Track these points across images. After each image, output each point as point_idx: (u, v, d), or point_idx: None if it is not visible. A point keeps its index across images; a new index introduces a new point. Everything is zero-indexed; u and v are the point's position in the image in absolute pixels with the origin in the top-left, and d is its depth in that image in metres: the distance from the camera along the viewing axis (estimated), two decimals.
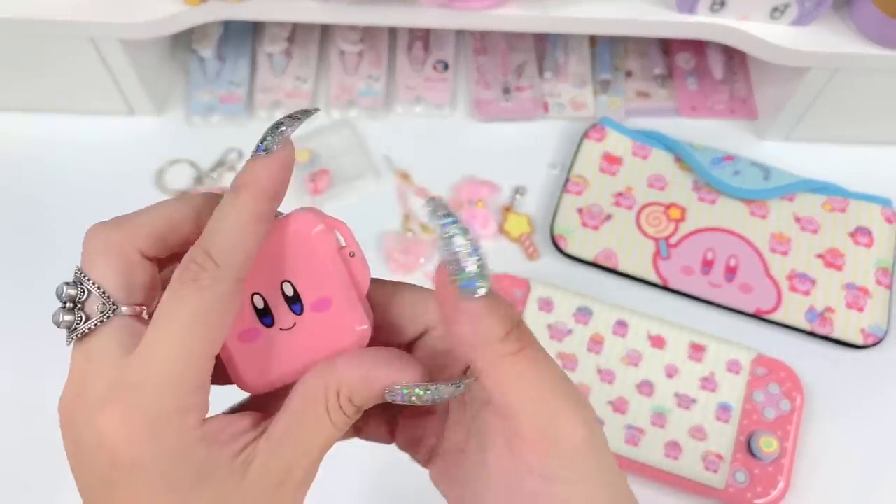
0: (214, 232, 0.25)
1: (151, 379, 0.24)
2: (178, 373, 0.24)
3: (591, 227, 0.62)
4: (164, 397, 0.24)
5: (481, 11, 0.58)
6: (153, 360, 0.25)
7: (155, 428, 0.24)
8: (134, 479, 0.25)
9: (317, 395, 0.26)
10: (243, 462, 0.26)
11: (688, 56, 0.72)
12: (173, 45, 0.71)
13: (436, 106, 0.69)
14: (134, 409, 0.24)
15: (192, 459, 0.25)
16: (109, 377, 0.26)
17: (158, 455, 0.24)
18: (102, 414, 0.25)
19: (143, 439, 0.24)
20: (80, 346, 0.28)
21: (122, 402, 0.25)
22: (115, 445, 0.24)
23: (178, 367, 0.24)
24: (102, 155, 0.66)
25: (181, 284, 0.25)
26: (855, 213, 0.63)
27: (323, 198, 0.64)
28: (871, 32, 0.57)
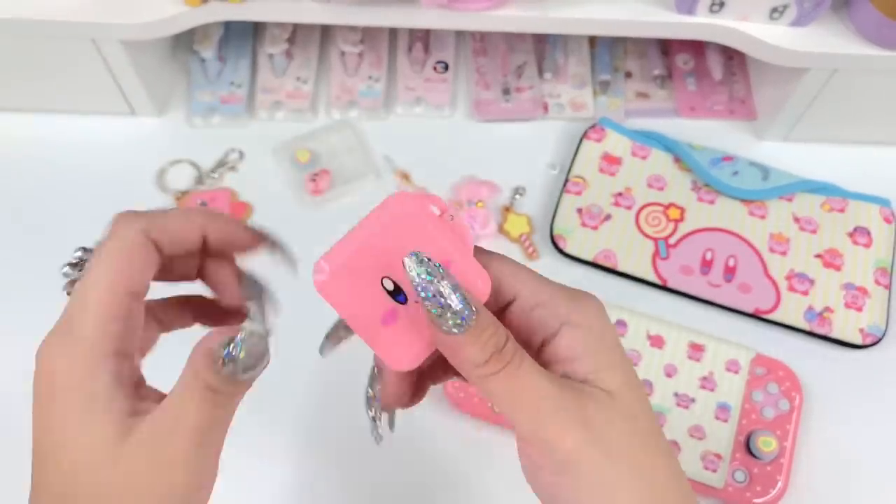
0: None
1: (82, 314, 0.29)
2: (94, 308, 0.29)
3: (590, 227, 0.62)
4: (84, 325, 0.29)
5: (481, 12, 0.58)
6: (86, 296, 0.29)
7: (65, 352, 0.30)
8: (44, 394, 0.30)
9: (183, 374, 0.29)
10: (129, 425, 0.28)
11: (687, 57, 0.72)
12: (174, 46, 0.71)
13: (436, 106, 0.69)
14: (59, 336, 0.30)
15: (85, 390, 0.29)
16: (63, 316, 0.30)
17: (72, 368, 0.29)
18: (44, 340, 0.31)
19: (52, 358, 0.30)
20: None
21: (57, 332, 0.30)
22: (38, 362, 0.31)
23: (98, 304, 0.29)
24: (103, 155, 0.66)
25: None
26: (854, 214, 0.63)
27: (323, 198, 0.64)
28: (870, 33, 0.57)
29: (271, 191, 0.65)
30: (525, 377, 0.28)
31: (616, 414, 0.29)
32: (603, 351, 0.30)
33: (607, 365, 0.30)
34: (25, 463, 0.32)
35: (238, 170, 0.66)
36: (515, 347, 0.29)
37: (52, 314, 0.62)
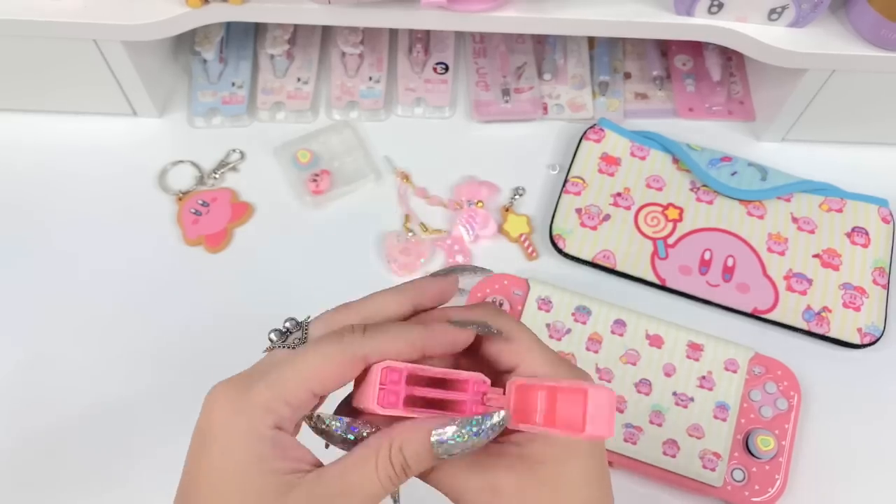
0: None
1: (266, 380, 0.30)
2: (280, 385, 0.30)
3: (589, 227, 0.63)
4: (262, 392, 0.30)
5: (481, 14, 0.58)
6: (278, 370, 0.31)
7: (237, 409, 0.30)
8: (212, 444, 0.30)
9: (372, 446, 0.30)
10: (288, 482, 0.29)
11: (686, 58, 0.73)
12: (175, 47, 0.71)
13: (436, 107, 0.69)
14: (235, 391, 0.30)
15: (252, 449, 0.29)
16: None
17: (230, 429, 0.30)
18: (215, 389, 0.31)
19: (225, 411, 0.30)
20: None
21: (233, 385, 0.31)
22: (209, 410, 0.31)
23: (285, 383, 0.30)
24: (105, 156, 0.66)
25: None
26: (852, 214, 0.63)
27: (324, 198, 0.64)
28: (868, 34, 0.57)
29: (272, 191, 0.65)
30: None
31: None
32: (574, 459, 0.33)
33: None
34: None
35: (239, 170, 0.66)
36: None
37: (53, 314, 0.62)
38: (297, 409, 0.31)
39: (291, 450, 0.30)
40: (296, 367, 0.30)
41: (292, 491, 0.29)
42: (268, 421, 0.30)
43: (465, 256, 0.62)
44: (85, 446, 0.55)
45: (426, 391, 0.32)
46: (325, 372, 0.30)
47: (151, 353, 0.58)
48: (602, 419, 0.29)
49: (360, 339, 0.31)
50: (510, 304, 0.59)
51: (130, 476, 0.54)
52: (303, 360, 0.31)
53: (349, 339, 0.31)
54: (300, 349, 0.31)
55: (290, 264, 0.62)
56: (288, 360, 0.31)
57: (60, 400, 0.56)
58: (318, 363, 0.31)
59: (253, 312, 0.59)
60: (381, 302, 0.33)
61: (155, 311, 0.60)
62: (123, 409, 0.56)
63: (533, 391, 0.31)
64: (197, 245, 0.62)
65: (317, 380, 0.30)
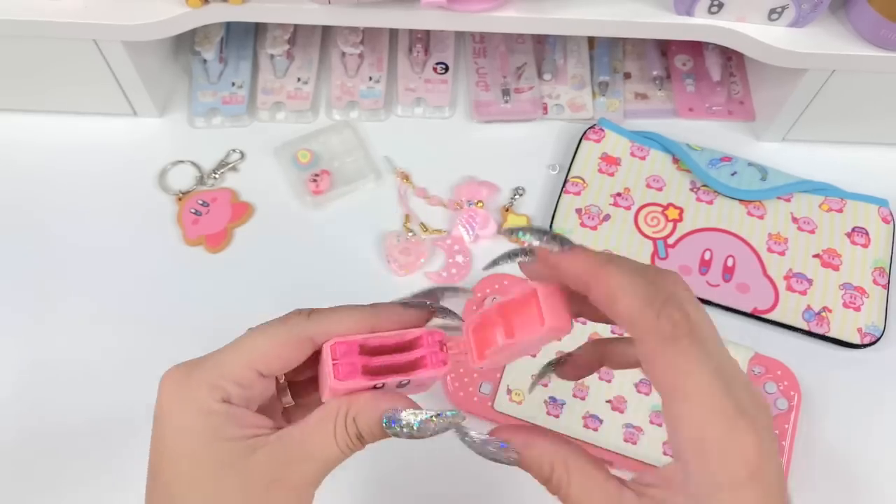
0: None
1: (210, 361, 0.31)
2: (224, 364, 0.31)
3: (589, 227, 0.63)
4: (206, 371, 0.31)
5: (481, 13, 0.58)
6: (223, 351, 0.32)
7: (184, 389, 0.31)
8: (164, 425, 0.31)
9: (329, 412, 0.31)
10: (251, 445, 0.30)
11: (686, 58, 0.73)
12: (175, 47, 0.71)
13: (436, 107, 0.69)
14: (181, 374, 0.31)
15: (203, 423, 0.30)
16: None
17: (179, 409, 0.31)
18: (165, 374, 0.32)
19: (172, 393, 0.31)
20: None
21: (180, 368, 0.32)
22: (160, 393, 0.32)
23: (229, 363, 0.31)
24: (105, 156, 0.66)
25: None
26: (852, 214, 0.63)
27: (324, 198, 0.64)
28: (868, 34, 0.57)
29: (272, 191, 0.65)
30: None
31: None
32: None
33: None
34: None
35: (239, 170, 0.66)
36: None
37: (52, 313, 0.62)
38: (244, 387, 0.31)
39: (247, 418, 0.31)
40: (239, 347, 0.32)
41: (254, 453, 0.30)
42: (215, 396, 0.31)
43: (465, 256, 0.62)
44: (84, 446, 0.55)
45: (383, 359, 0.32)
46: (267, 351, 0.31)
47: (151, 353, 0.58)
48: (557, 311, 0.30)
49: (305, 321, 0.32)
50: None
51: (130, 476, 0.54)
52: (246, 340, 0.32)
53: (294, 320, 0.32)
54: (246, 333, 0.32)
55: (290, 264, 0.62)
56: (234, 342, 0.32)
57: (60, 399, 0.56)
58: (260, 343, 0.31)
59: (253, 312, 0.59)
60: (339, 315, 0.33)
61: (155, 311, 0.60)
62: (123, 409, 0.56)
63: (489, 320, 0.32)
64: (197, 245, 0.63)
65: (260, 359, 0.31)
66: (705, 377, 0.26)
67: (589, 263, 0.28)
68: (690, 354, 0.26)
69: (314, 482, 0.31)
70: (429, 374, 0.32)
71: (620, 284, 0.27)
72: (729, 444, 0.25)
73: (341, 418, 0.31)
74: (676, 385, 0.26)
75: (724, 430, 0.25)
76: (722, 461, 0.25)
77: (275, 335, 0.32)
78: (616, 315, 0.28)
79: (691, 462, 0.26)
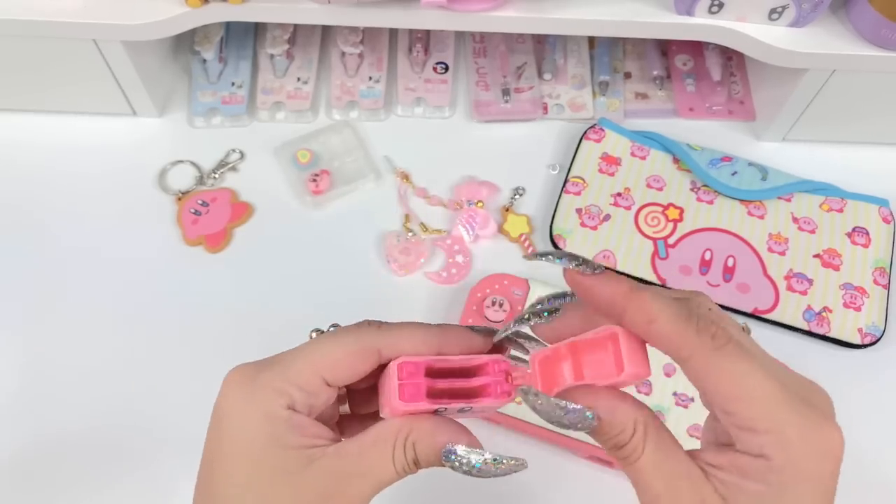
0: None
1: (278, 365, 0.31)
2: (291, 370, 0.31)
3: (589, 227, 0.63)
4: (273, 376, 0.31)
5: (481, 13, 0.58)
6: (291, 356, 0.31)
7: (250, 391, 0.31)
8: (225, 425, 0.31)
9: (389, 432, 0.31)
10: (309, 456, 0.30)
11: (686, 58, 0.73)
12: (175, 47, 0.71)
13: (436, 107, 0.69)
14: (249, 375, 0.31)
15: (266, 429, 0.30)
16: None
17: (244, 411, 0.30)
18: (232, 372, 0.32)
19: (238, 393, 0.31)
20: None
21: (248, 368, 0.31)
22: (224, 392, 0.31)
23: (295, 368, 0.31)
24: (104, 156, 0.66)
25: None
26: (852, 214, 0.63)
27: (324, 198, 0.64)
28: (869, 34, 0.57)
29: (272, 191, 0.65)
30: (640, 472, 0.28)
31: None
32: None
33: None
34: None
35: (239, 170, 0.66)
36: (638, 443, 0.28)
37: (52, 313, 0.62)
38: (310, 394, 0.31)
39: (308, 427, 0.31)
40: (308, 353, 0.31)
41: (312, 464, 0.30)
42: (280, 402, 0.30)
43: (465, 256, 0.62)
44: (84, 446, 0.55)
45: (448, 382, 0.31)
46: (335, 359, 0.31)
47: (151, 353, 0.58)
48: (638, 358, 0.29)
49: (375, 333, 0.32)
50: (510, 304, 0.58)
51: (130, 475, 0.54)
52: (315, 346, 0.31)
53: (364, 331, 0.32)
54: (315, 339, 0.32)
55: (289, 264, 0.62)
56: (302, 347, 0.32)
57: (59, 399, 0.56)
58: (330, 350, 0.31)
59: (253, 312, 0.60)
60: (408, 331, 0.32)
61: (155, 311, 0.60)
62: (123, 409, 0.56)
63: (557, 357, 0.31)
64: (197, 245, 0.62)
65: (327, 367, 0.31)
66: (762, 377, 0.27)
67: (622, 288, 0.29)
68: (740, 359, 0.27)
69: (366, 499, 0.31)
70: (492, 403, 0.32)
71: (657, 307, 0.28)
72: (812, 437, 0.26)
73: (401, 441, 0.30)
74: (735, 390, 0.27)
75: (805, 426, 0.26)
76: (809, 455, 0.26)
77: (344, 343, 0.31)
78: (654, 335, 0.28)
79: (776, 457, 0.26)
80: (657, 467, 0.28)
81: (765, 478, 0.27)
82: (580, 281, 0.30)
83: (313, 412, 0.32)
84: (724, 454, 0.28)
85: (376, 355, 0.32)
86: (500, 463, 0.30)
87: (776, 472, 0.27)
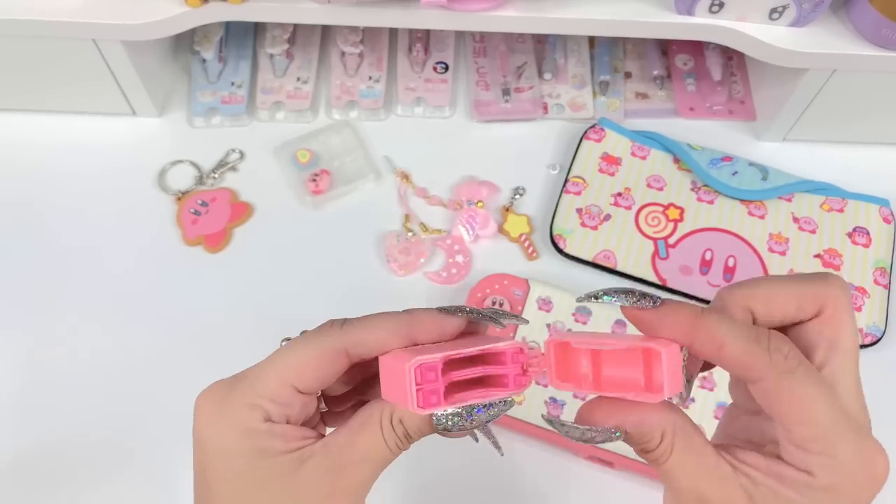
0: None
1: (246, 380, 0.31)
2: (260, 383, 0.30)
3: (590, 227, 0.63)
4: (243, 393, 0.30)
5: (481, 13, 0.58)
6: (258, 369, 0.31)
7: (223, 413, 0.30)
8: (206, 449, 0.30)
9: (374, 413, 0.30)
10: (298, 457, 0.30)
11: (686, 57, 0.73)
12: (175, 47, 0.71)
13: (436, 107, 0.69)
14: (218, 396, 0.31)
15: (249, 446, 0.30)
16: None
17: (222, 434, 0.30)
18: (199, 397, 0.31)
19: (211, 418, 0.30)
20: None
21: (215, 391, 0.31)
22: (197, 418, 0.31)
23: (264, 381, 0.30)
24: (104, 156, 0.66)
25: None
26: (853, 214, 0.63)
27: (324, 198, 0.64)
28: (869, 34, 0.57)
29: (272, 191, 0.65)
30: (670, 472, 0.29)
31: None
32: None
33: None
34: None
35: (239, 170, 0.66)
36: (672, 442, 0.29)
37: (51, 313, 0.62)
38: (283, 405, 0.31)
39: (291, 432, 0.31)
40: (273, 364, 0.31)
41: (304, 464, 0.30)
42: (256, 416, 0.30)
43: (465, 256, 0.62)
44: (83, 446, 0.55)
45: (464, 372, 0.30)
46: (301, 366, 0.31)
47: (150, 353, 0.58)
48: (676, 379, 0.28)
49: (338, 333, 0.31)
50: (510, 304, 0.58)
51: (129, 475, 0.54)
52: (282, 356, 0.31)
53: (326, 333, 0.31)
54: (281, 347, 0.32)
55: (289, 264, 0.62)
56: (270, 358, 0.31)
57: (58, 399, 0.56)
58: (295, 359, 0.31)
59: (252, 312, 0.60)
60: (373, 325, 0.31)
61: (154, 312, 0.59)
62: (122, 409, 0.56)
63: (575, 353, 0.30)
64: (196, 245, 0.62)
65: (295, 375, 0.30)
66: (828, 405, 0.28)
67: (686, 317, 0.29)
68: (809, 384, 0.27)
69: (366, 484, 0.31)
70: (509, 393, 0.31)
71: (726, 331, 0.28)
72: (861, 463, 0.28)
73: (387, 418, 0.30)
74: (802, 414, 0.27)
75: (856, 454, 0.28)
76: (854, 481, 0.28)
77: (307, 349, 0.31)
78: (725, 359, 0.28)
79: (821, 477, 0.27)
80: (684, 468, 0.29)
81: (802, 490, 0.28)
82: (641, 317, 0.29)
83: (292, 420, 0.31)
84: (761, 458, 0.29)
85: (343, 355, 0.31)
86: (490, 407, 0.30)
87: (816, 490, 0.27)
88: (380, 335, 0.31)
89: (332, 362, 0.31)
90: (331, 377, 0.31)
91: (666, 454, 0.29)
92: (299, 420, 0.32)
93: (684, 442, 0.29)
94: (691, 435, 0.29)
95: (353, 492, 0.30)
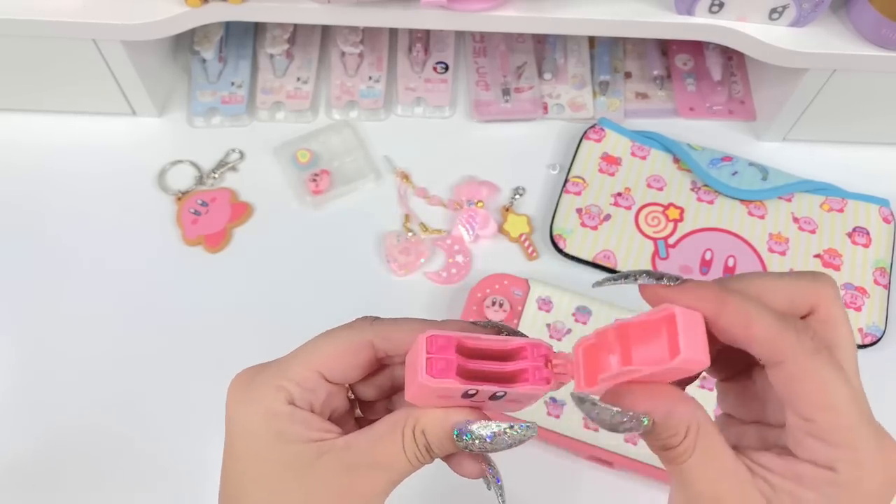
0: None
1: (275, 365, 0.32)
2: (287, 367, 0.31)
3: (590, 227, 0.63)
4: (270, 375, 0.31)
5: (481, 13, 0.58)
6: (289, 355, 0.32)
7: (249, 393, 0.31)
8: (232, 428, 0.31)
9: (398, 421, 0.30)
10: (316, 449, 0.30)
11: (686, 57, 0.73)
12: (175, 47, 0.71)
13: (436, 107, 0.69)
14: (246, 378, 0.32)
15: (269, 427, 0.30)
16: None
17: (246, 414, 0.31)
18: (232, 380, 0.32)
19: (238, 398, 0.31)
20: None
21: (246, 373, 0.32)
22: (228, 400, 0.32)
23: (292, 365, 0.31)
24: (104, 156, 0.66)
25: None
26: (853, 214, 0.63)
27: (324, 198, 0.64)
28: (869, 33, 0.57)
29: (272, 191, 0.65)
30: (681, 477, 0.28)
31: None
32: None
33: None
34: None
35: (239, 170, 0.66)
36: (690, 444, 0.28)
37: (52, 313, 0.62)
38: (308, 390, 0.31)
39: (314, 422, 0.31)
40: (303, 351, 0.32)
41: (320, 458, 0.30)
42: (279, 397, 0.31)
43: (465, 256, 0.62)
44: (84, 445, 0.55)
45: (481, 364, 0.29)
46: (328, 354, 0.31)
47: (151, 353, 0.58)
48: (696, 343, 0.26)
49: (368, 326, 0.32)
50: (510, 304, 0.58)
51: (129, 474, 0.54)
52: (310, 344, 0.32)
53: (357, 325, 0.32)
54: (312, 338, 0.33)
55: (289, 264, 0.62)
56: (299, 347, 0.32)
57: (59, 399, 0.56)
58: (323, 347, 0.32)
59: (252, 312, 0.60)
60: (402, 322, 0.32)
61: (154, 312, 0.59)
62: (122, 409, 0.56)
63: (603, 344, 0.28)
64: (196, 245, 0.62)
65: (322, 362, 0.31)
66: (850, 392, 0.27)
67: (710, 293, 0.28)
68: (833, 368, 0.27)
69: (382, 493, 0.31)
70: (529, 389, 0.29)
71: (754, 310, 0.27)
72: (882, 459, 0.27)
73: (409, 428, 0.30)
74: (825, 399, 0.27)
75: (877, 450, 0.27)
76: (874, 478, 0.27)
77: (336, 338, 0.32)
78: (752, 337, 0.27)
79: (844, 472, 0.27)
80: (702, 470, 0.28)
81: (822, 489, 0.27)
82: (663, 295, 0.28)
83: (316, 409, 0.32)
84: (780, 459, 0.28)
85: (369, 347, 0.32)
86: (514, 430, 0.30)
87: (837, 486, 0.27)
88: (407, 332, 0.31)
89: (358, 353, 0.32)
90: (356, 369, 0.32)
91: (687, 453, 0.28)
92: (324, 412, 0.32)
93: (706, 441, 0.28)
94: (713, 435, 0.28)
95: (365, 495, 0.30)
